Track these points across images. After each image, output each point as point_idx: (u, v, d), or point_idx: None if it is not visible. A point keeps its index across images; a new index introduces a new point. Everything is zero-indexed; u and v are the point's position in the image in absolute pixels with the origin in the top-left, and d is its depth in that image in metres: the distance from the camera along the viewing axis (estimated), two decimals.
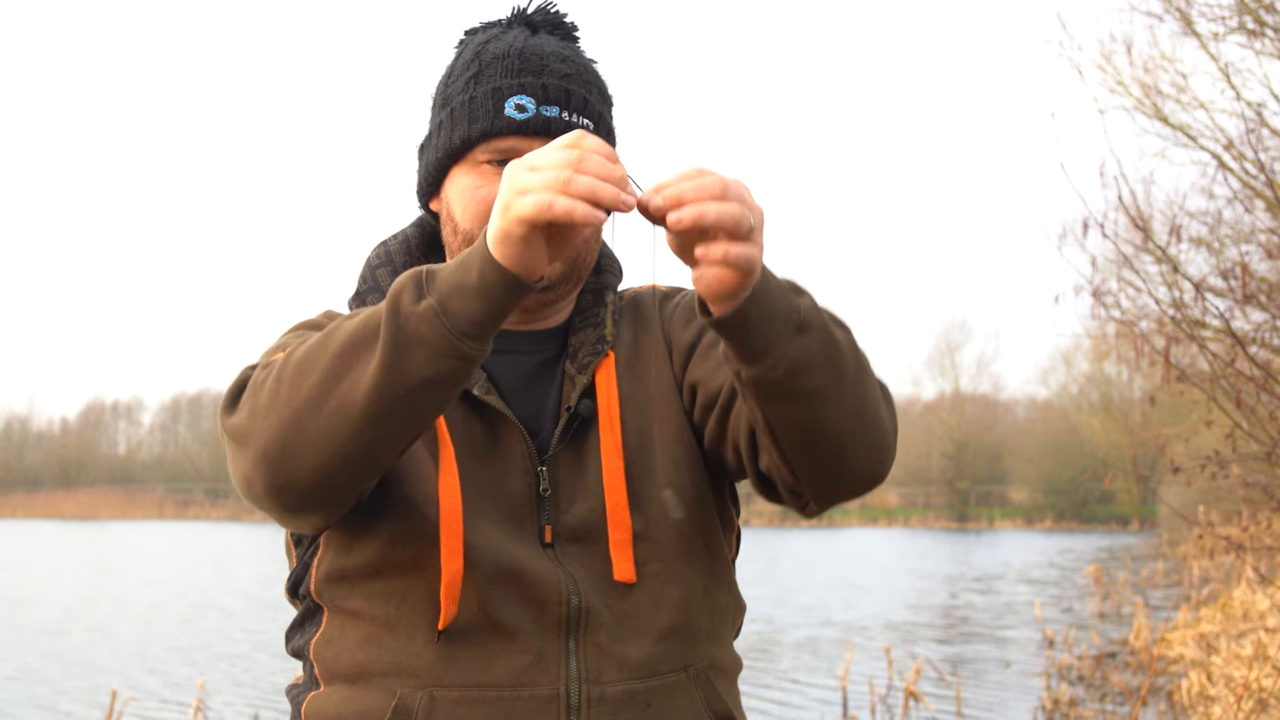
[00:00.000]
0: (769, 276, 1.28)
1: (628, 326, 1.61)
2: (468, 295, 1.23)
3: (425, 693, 1.41)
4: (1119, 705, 8.74)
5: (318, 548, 1.50)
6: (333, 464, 1.29)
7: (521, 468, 1.49)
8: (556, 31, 1.58)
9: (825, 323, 1.32)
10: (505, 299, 1.24)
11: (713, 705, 1.50)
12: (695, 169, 1.21)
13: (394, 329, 1.24)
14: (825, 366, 1.30)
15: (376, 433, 1.28)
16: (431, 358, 1.24)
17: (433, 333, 1.24)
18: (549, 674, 1.42)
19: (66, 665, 11.58)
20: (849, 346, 1.35)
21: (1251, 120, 7.84)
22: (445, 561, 1.41)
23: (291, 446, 1.29)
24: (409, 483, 1.44)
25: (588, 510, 1.49)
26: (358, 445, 1.28)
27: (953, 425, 53.94)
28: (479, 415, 1.51)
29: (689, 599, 1.50)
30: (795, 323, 1.28)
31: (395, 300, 1.26)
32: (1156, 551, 27.72)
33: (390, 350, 1.24)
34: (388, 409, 1.26)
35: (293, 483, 1.31)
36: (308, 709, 1.48)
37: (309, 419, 1.28)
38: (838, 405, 1.33)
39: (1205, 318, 8.32)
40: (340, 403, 1.27)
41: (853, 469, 1.38)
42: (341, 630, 1.47)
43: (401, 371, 1.24)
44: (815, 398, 1.31)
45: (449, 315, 1.24)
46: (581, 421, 1.52)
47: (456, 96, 1.53)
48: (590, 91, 1.54)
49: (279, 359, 1.36)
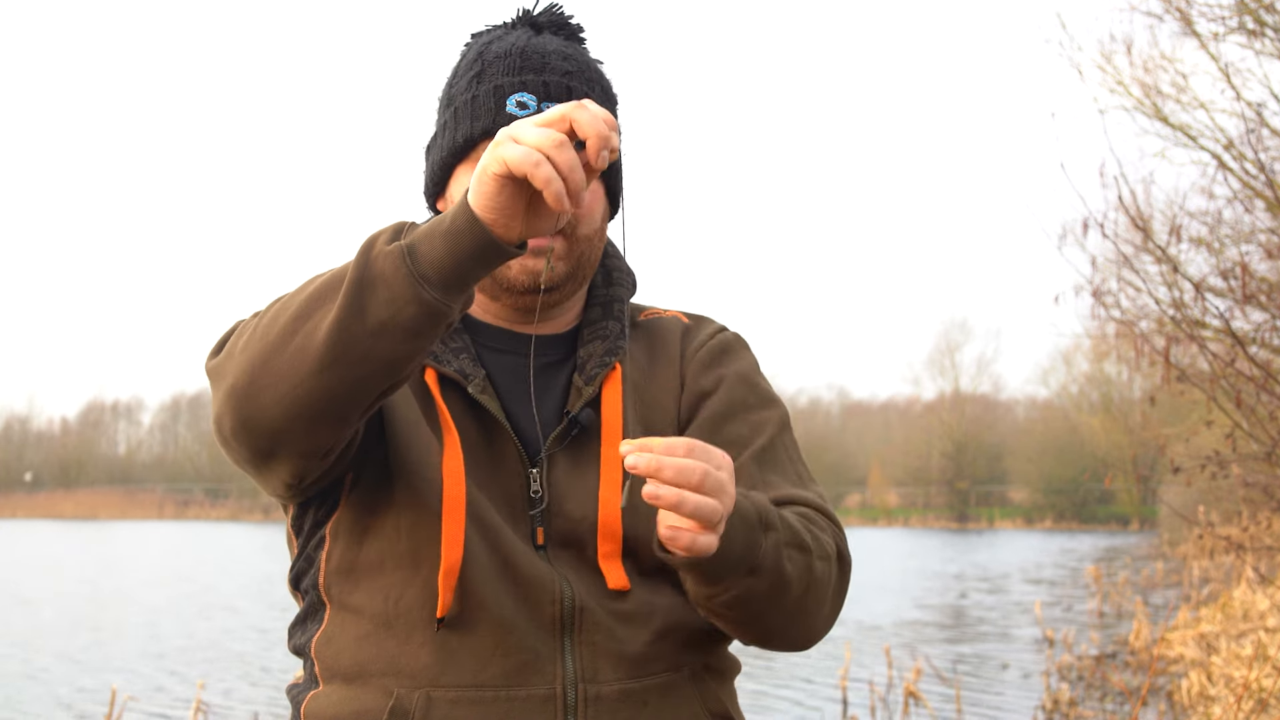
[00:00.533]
0: (735, 523, 1.33)
1: (642, 348, 1.61)
2: (435, 239, 1.24)
3: (422, 693, 1.41)
4: (1119, 705, 8.73)
5: (323, 540, 1.50)
6: (294, 402, 1.29)
7: (514, 469, 1.50)
8: (561, 32, 1.58)
9: (780, 563, 1.39)
10: (473, 249, 1.23)
11: (709, 705, 1.50)
12: (683, 444, 1.25)
13: (361, 266, 1.25)
14: (768, 601, 1.41)
15: (336, 375, 1.27)
16: (391, 299, 1.24)
17: (395, 272, 1.23)
18: (545, 674, 1.42)
19: (66, 665, 11.58)
20: (800, 581, 1.43)
21: (1251, 120, 7.85)
22: (445, 549, 1.41)
23: (257, 381, 1.30)
24: (414, 470, 1.45)
25: (580, 518, 1.49)
26: (318, 386, 1.27)
27: (953, 425, 53.94)
28: (474, 413, 1.51)
29: (681, 604, 1.50)
30: (749, 566, 1.36)
31: (371, 240, 1.27)
32: (1156, 551, 27.72)
33: (353, 287, 1.24)
34: (346, 351, 1.25)
35: (255, 419, 1.31)
36: (307, 709, 1.48)
37: (275, 355, 1.29)
38: (777, 612, 1.44)
39: (1205, 318, 8.32)
40: (305, 340, 1.27)
41: (779, 648, 1.53)
42: (342, 627, 1.48)
43: (362, 310, 1.24)
44: (752, 618, 1.43)
45: (414, 257, 1.23)
46: (582, 430, 1.52)
47: (460, 96, 1.54)
48: (593, 89, 1.54)
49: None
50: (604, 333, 1.58)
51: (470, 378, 1.50)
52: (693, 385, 1.58)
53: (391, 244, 1.25)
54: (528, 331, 1.58)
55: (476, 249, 1.23)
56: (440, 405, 1.47)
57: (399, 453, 1.45)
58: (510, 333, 1.57)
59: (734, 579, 1.35)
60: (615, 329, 1.58)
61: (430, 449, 1.46)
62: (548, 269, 1.50)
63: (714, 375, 1.58)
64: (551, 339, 1.59)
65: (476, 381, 1.51)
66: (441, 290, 1.24)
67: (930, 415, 55.44)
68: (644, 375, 1.58)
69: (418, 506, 1.44)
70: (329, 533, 1.49)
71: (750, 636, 1.48)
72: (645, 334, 1.63)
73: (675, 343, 1.62)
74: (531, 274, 1.50)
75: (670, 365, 1.60)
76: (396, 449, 1.46)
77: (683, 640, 1.50)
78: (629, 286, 1.65)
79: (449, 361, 1.51)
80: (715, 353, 1.61)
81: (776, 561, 1.38)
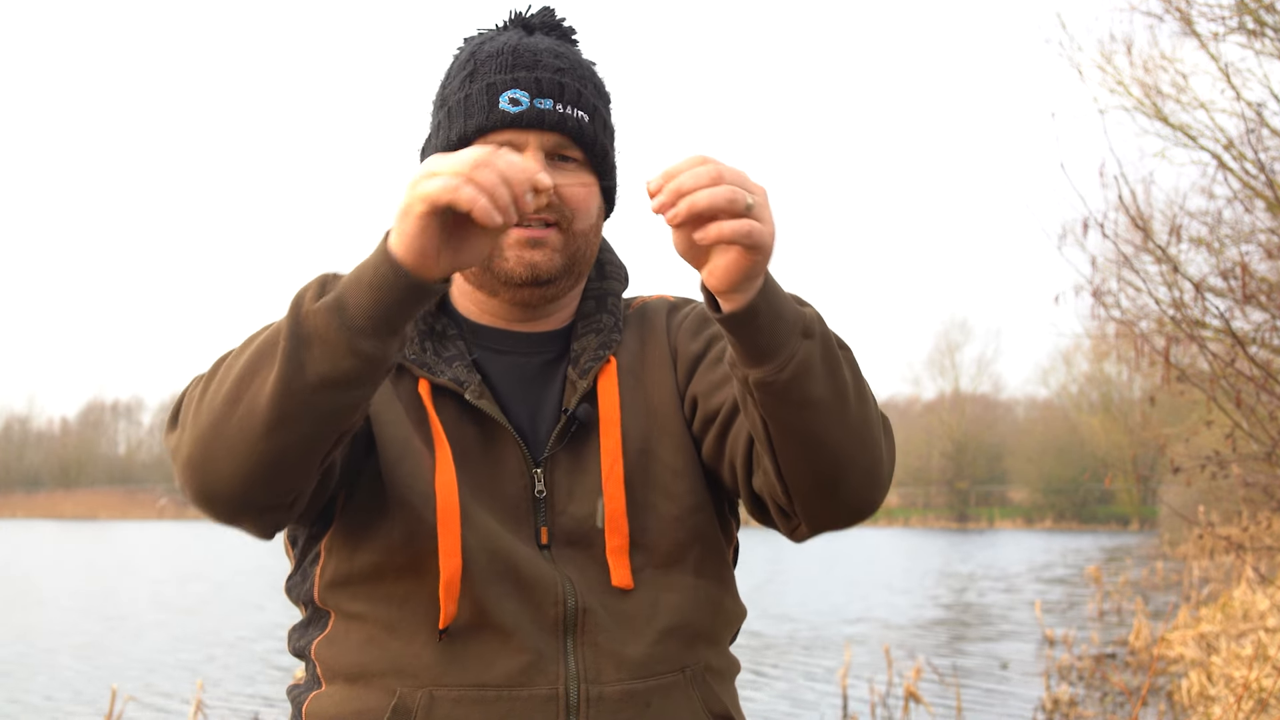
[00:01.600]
0: (775, 283, 1.29)
1: (634, 334, 1.61)
2: (362, 289, 1.24)
3: (425, 692, 1.41)
4: (1119, 705, 8.74)
5: (318, 554, 1.50)
6: (249, 468, 1.29)
7: (516, 470, 1.50)
8: (553, 33, 1.59)
9: (830, 337, 1.34)
10: (397, 294, 1.23)
11: (711, 706, 1.50)
12: (695, 157, 1.23)
13: (294, 325, 1.25)
14: (828, 376, 1.31)
15: (286, 435, 1.27)
16: (328, 354, 1.24)
17: (328, 328, 1.23)
18: (548, 674, 1.42)
19: (66, 665, 11.58)
20: (851, 365, 1.36)
21: (1251, 120, 7.85)
22: (443, 561, 1.41)
23: (210, 452, 1.30)
24: (406, 484, 1.45)
25: (585, 514, 1.49)
26: (269, 448, 1.27)
27: (953, 425, 53.97)
28: (472, 418, 1.51)
29: (686, 603, 1.50)
30: (802, 327, 1.29)
31: (299, 298, 1.26)
32: (1156, 551, 27.73)
33: (290, 348, 1.24)
34: (292, 410, 1.25)
35: (214, 488, 1.32)
36: (308, 709, 1.48)
37: (223, 424, 1.29)
38: (839, 421, 1.33)
39: (1205, 318, 8.32)
40: (249, 405, 1.27)
41: (847, 494, 1.39)
42: (345, 632, 1.48)
43: (301, 369, 1.24)
44: (818, 408, 1.31)
45: (344, 310, 1.23)
46: (581, 426, 1.52)
47: (453, 95, 1.54)
48: (585, 86, 1.54)
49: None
50: (598, 326, 1.58)
51: (466, 384, 1.50)
52: (684, 352, 1.58)
53: (319, 300, 1.24)
54: (525, 330, 1.58)
55: (403, 294, 1.23)
56: (432, 417, 1.47)
57: (390, 469, 1.45)
58: (508, 332, 1.57)
59: (791, 342, 1.28)
60: (609, 322, 1.59)
61: (422, 463, 1.46)
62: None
63: (702, 338, 1.57)
64: (548, 335, 1.59)
65: (473, 387, 1.50)
66: (375, 339, 1.24)
67: (930, 415, 55.46)
68: (637, 360, 1.58)
69: (413, 521, 1.43)
70: (324, 548, 1.50)
71: (819, 466, 1.35)
72: (636, 320, 1.63)
73: (662, 320, 1.62)
74: (529, 266, 1.50)
75: (659, 341, 1.60)
76: (387, 465, 1.45)
77: (685, 641, 1.49)
78: (622, 280, 1.65)
79: (442, 371, 1.51)
80: (699, 319, 1.61)
81: (825, 332, 1.32)
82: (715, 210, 1.20)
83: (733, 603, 1.58)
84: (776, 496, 1.41)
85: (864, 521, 1.46)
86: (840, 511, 1.41)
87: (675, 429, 1.54)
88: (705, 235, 1.21)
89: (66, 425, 75.82)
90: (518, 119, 1.49)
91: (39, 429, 76.49)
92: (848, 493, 1.39)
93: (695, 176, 1.21)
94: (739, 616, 1.60)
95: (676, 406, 1.55)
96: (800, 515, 1.41)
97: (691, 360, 1.56)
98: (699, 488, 1.52)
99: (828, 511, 1.40)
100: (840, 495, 1.39)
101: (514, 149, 1.49)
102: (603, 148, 1.55)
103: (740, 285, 1.25)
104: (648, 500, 1.50)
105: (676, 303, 1.67)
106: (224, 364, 1.34)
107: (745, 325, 1.27)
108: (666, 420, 1.54)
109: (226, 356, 1.36)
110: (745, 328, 1.28)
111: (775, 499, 1.41)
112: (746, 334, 1.28)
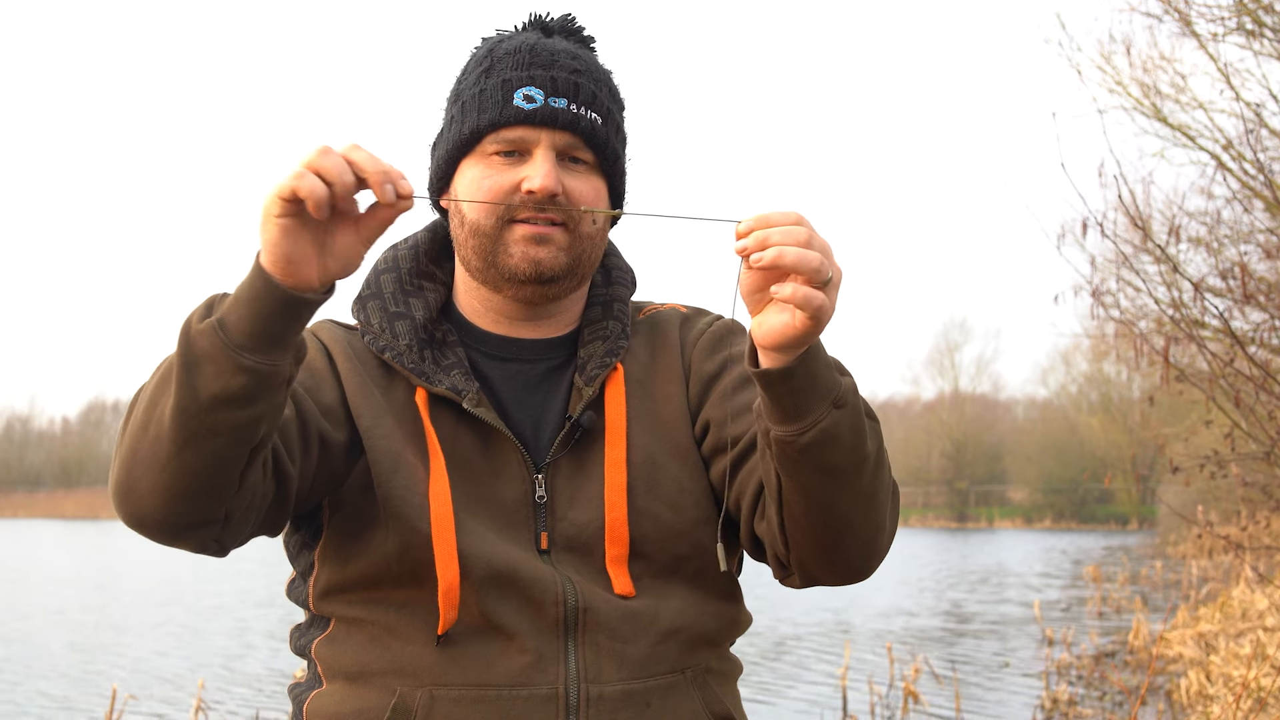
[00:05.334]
0: (821, 349, 1.31)
1: (643, 344, 1.61)
2: (239, 305, 1.23)
3: (425, 691, 1.42)
4: (1118, 704, 8.74)
5: (312, 563, 1.51)
6: (166, 489, 1.29)
7: (517, 475, 1.50)
8: (572, 38, 1.59)
9: (860, 408, 1.35)
10: (273, 307, 1.22)
11: (711, 706, 1.50)
12: (792, 214, 1.24)
13: (184, 348, 1.24)
14: (850, 449, 1.33)
15: (193, 455, 1.26)
16: (217, 373, 1.23)
17: (213, 347, 1.22)
18: (548, 673, 1.43)
19: (67, 664, 11.58)
20: (875, 439, 1.37)
21: (1250, 121, 7.84)
22: (441, 569, 1.41)
23: (130, 475, 1.30)
24: (400, 496, 1.45)
25: (585, 521, 1.49)
26: (181, 469, 1.27)
27: (952, 425, 53.89)
28: (471, 425, 1.51)
29: (688, 609, 1.50)
30: (834, 398, 1.31)
31: (187, 321, 1.26)
32: (1156, 551, 27.71)
33: (182, 369, 1.24)
34: (194, 430, 1.25)
35: (139, 510, 1.32)
36: (309, 707, 1.49)
37: (138, 448, 1.29)
38: (851, 490, 1.35)
39: (1204, 318, 8.33)
40: (157, 428, 1.27)
41: (845, 558, 1.41)
42: (346, 633, 1.49)
43: (195, 391, 1.24)
44: (833, 475, 1.33)
45: (225, 329, 1.23)
46: (585, 433, 1.51)
47: (467, 90, 1.54)
48: (600, 88, 1.54)
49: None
50: (604, 333, 1.58)
51: (464, 393, 1.50)
52: (698, 371, 1.58)
53: (204, 320, 1.24)
54: (529, 336, 1.58)
55: (279, 307, 1.22)
56: (427, 427, 1.48)
57: (384, 482, 1.45)
58: (510, 339, 1.58)
59: (819, 410, 1.30)
60: (616, 329, 1.58)
61: (415, 475, 1.46)
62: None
63: (718, 359, 1.58)
64: (552, 341, 1.59)
65: (470, 395, 1.50)
66: (259, 354, 1.23)
67: (930, 415, 55.37)
68: (646, 370, 1.58)
69: (407, 532, 1.44)
70: (317, 558, 1.50)
71: (822, 528, 1.37)
72: (646, 329, 1.63)
73: (674, 332, 1.62)
74: (533, 262, 1.50)
75: (671, 354, 1.59)
76: (381, 478, 1.45)
77: (687, 643, 1.50)
78: (629, 285, 1.65)
79: (440, 380, 1.51)
80: (716, 338, 1.61)
81: (857, 405, 1.34)
82: (799, 271, 1.22)
83: (736, 609, 1.58)
84: (776, 546, 1.43)
85: (858, 583, 1.47)
86: (834, 572, 1.43)
87: (683, 443, 1.54)
88: (782, 291, 1.23)
89: (67, 425, 75.80)
90: (531, 116, 1.49)
91: (40, 429, 76.47)
92: (845, 557, 1.41)
93: (789, 233, 1.23)
94: (743, 623, 1.60)
95: (686, 422, 1.55)
96: (795, 568, 1.44)
97: (705, 380, 1.56)
98: (704, 502, 1.52)
99: (822, 571, 1.43)
100: (837, 559, 1.41)
101: (525, 146, 1.49)
102: (614, 151, 1.55)
103: (786, 348, 1.27)
104: (650, 510, 1.50)
105: (689, 314, 1.66)
106: (140, 391, 1.34)
107: (777, 386, 1.29)
108: (674, 433, 1.54)
109: (142, 386, 1.36)
110: (777, 388, 1.29)
111: (774, 548, 1.44)
112: (777, 394, 1.30)
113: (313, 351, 1.53)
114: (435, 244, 1.64)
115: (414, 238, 1.64)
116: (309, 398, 1.46)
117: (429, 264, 1.62)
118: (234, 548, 1.41)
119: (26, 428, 75.80)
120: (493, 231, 1.50)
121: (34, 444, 75.19)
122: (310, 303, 1.24)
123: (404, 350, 1.53)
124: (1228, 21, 9.00)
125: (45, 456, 73.96)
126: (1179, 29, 9.45)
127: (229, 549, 1.40)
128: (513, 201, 1.48)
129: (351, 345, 1.55)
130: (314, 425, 1.44)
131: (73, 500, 66.20)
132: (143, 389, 1.33)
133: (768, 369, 1.28)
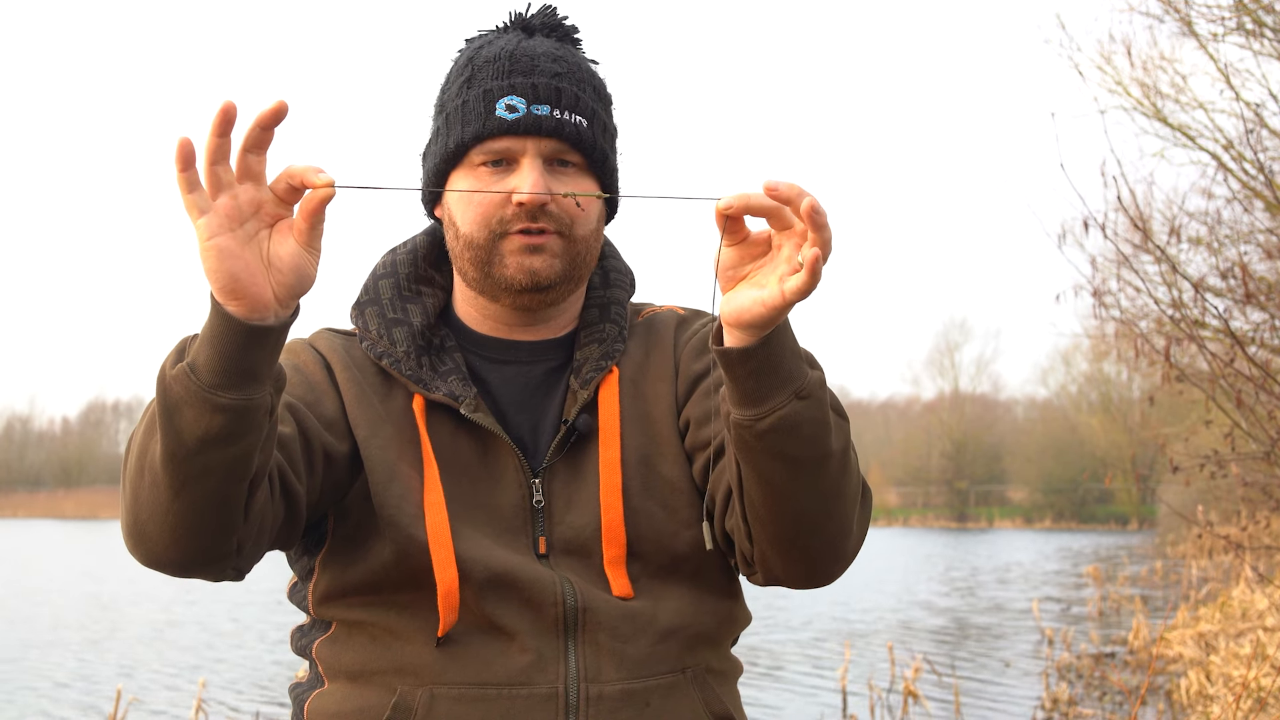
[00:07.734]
0: (789, 336, 1.29)
1: (639, 345, 1.60)
2: (205, 345, 1.22)
3: (425, 690, 1.42)
4: (1118, 704, 8.74)
5: (313, 569, 1.52)
6: (173, 528, 1.29)
7: (514, 480, 1.50)
8: (554, 34, 1.57)
9: (826, 403, 1.32)
10: (234, 340, 1.20)
11: (711, 706, 1.50)
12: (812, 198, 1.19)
13: (161, 395, 1.24)
14: (811, 441, 1.30)
15: (191, 495, 1.26)
16: (196, 417, 1.22)
17: (187, 392, 1.21)
18: (548, 673, 1.43)
19: (69, 665, 11.59)
20: (841, 437, 1.35)
21: (1250, 121, 7.84)
22: (439, 574, 1.42)
23: (139, 520, 1.31)
24: (396, 505, 1.45)
25: (582, 524, 1.49)
26: (181, 508, 1.27)
27: (952, 425, 53.90)
28: (469, 431, 1.51)
29: (687, 609, 1.51)
30: (797, 388, 1.29)
31: (161, 367, 1.25)
32: (1156, 551, 27.71)
33: (164, 416, 1.24)
34: (187, 472, 1.25)
35: (153, 552, 1.32)
36: (310, 707, 1.49)
37: (139, 493, 1.30)
38: (810, 485, 1.33)
39: (1205, 318, 8.33)
40: (152, 475, 1.27)
41: (806, 556, 1.39)
42: (347, 634, 1.49)
43: (179, 435, 1.23)
44: (793, 467, 1.31)
45: (197, 371, 1.21)
46: (581, 436, 1.52)
47: (451, 102, 1.54)
48: (583, 89, 1.53)
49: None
50: (601, 335, 1.58)
51: (461, 398, 1.51)
52: (686, 370, 1.57)
53: (176, 366, 1.23)
54: (527, 338, 1.58)
55: (242, 341, 1.20)
56: (423, 435, 1.48)
57: (380, 492, 1.45)
58: (507, 342, 1.58)
59: (779, 397, 1.27)
60: (613, 331, 1.58)
61: (411, 483, 1.46)
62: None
63: (705, 359, 1.57)
64: (549, 343, 1.59)
65: (468, 401, 1.51)
66: (235, 390, 1.21)
67: (930, 415, 55.38)
68: (640, 370, 1.58)
69: (404, 540, 1.44)
70: (318, 565, 1.51)
71: (781, 522, 1.35)
72: (643, 331, 1.62)
73: (669, 333, 1.62)
74: (529, 272, 1.49)
75: (664, 355, 1.59)
76: (377, 488, 1.46)
77: (687, 642, 1.50)
78: (627, 287, 1.64)
79: (437, 386, 1.51)
80: (707, 339, 1.59)
81: (822, 399, 1.31)
82: (815, 211, 1.16)
83: (736, 608, 1.58)
84: (740, 539, 1.42)
85: (821, 587, 1.44)
86: (795, 572, 1.41)
87: (674, 442, 1.53)
88: (805, 254, 1.17)
89: (68, 425, 75.82)
90: (514, 126, 1.48)
91: (40, 429, 76.50)
92: (805, 556, 1.39)
93: (813, 204, 1.17)
94: (743, 622, 1.60)
95: (674, 421, 1.55)
96: (757, 565, 1.42)
97: (692, 379, 1.56)
98: (698, 501, 1.52)
99: (782, 569, 1.41)
100: (797, 556, 1.39)
101: (512, 155, 1.49)
102: (602, 152, 1.53)
103: (750, 326, 1.25)
104: (646, 510, 1.50)
105: (686, 316, 1.66)
106: (133, 437, 1.34)
107: (736, 367, 1.27)
108: (666, 432, 1.54)
109: (135, 428, 1.36)
110: (736, 369, 1.28)
111: (740, 542, 1.43)
112: (736, 375, 1.28)
113: (311, 364, 1.53)
114: (434, 247, 1.64)
115: (412, 241, 1.64)
116: (310, 413, 1.46)
117: (428, 268, 1.62)
118: (250, 570, 1.41)
119: (26, 428, 75.83)
120: (487, 244, 1.49)
121: (34, 444, 75.21)
122: (271, 329, 1.21)
123: (401, 357, 1.53)
124: (1228, 21, 9.01)
125: (45, 456, 73.96)
126: (1179, 29, 9.46)
127: (246, 573, 1.40)
128: (504, 215, 1.48)
129: (350, 353, 1.56)
130: (317, 440, 1.44)
131: (73, 500, 66.20)
132: (134, 435, 1.33)
133: (728, 348, 1.27)
